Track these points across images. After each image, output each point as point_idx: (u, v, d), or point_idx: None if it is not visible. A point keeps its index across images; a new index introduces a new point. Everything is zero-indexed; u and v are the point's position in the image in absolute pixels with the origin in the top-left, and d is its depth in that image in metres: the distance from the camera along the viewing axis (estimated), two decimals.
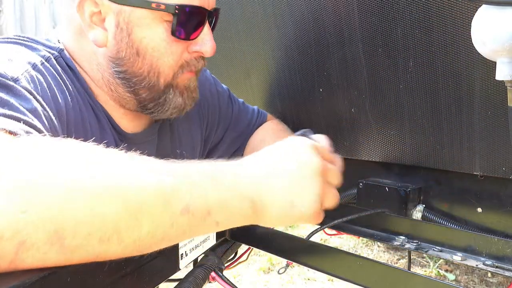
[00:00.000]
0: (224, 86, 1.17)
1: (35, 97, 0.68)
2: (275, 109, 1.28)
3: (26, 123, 0.60)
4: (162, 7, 0.76)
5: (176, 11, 0.76)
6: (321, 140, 0.73)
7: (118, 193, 0.45)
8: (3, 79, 0.64)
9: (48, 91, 0.73)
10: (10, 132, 0.54)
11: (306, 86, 1.17)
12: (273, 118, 1.22)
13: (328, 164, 0.62)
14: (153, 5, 0.76)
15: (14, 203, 0.40)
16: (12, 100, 0.62)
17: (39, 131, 0.61)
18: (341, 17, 1.01)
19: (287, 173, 0.58)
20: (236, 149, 1.16)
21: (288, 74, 1.20)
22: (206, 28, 0.83)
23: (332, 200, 0.62)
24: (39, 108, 0.67)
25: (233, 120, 1.15)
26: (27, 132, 0.57)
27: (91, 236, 0.43)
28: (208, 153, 1.14)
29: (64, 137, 0.51)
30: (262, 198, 0.56)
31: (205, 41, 0.83)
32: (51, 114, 0.71)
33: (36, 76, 0.72)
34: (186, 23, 0.79)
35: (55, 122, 0.71)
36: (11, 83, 0.65)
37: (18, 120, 0.59)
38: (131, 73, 0.81)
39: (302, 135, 0.75)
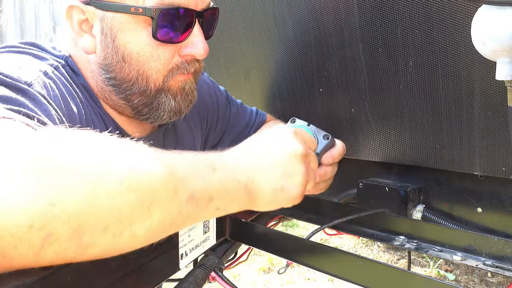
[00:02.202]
0: (222, 88, 1.17)
1: (48, 102, 0.68)
2: (275, 109, 1.28)
3: (41, 122, 0.60)
4: (140, 10, 0.74)
5: (154, 14, 0.74)
6: (303, 125, 0.80)
7: (133, 187, 0.45)
8: (18, 83, 0.64)
9: (60, 99, 0.73)
10: (31, 126, 0.54)
11: (306, 86, 1.17)
12: (273, 119, 1.23)
13: (309, 149, 0.69)
14: (132, 9, 0.74)
15: (45, 194, 0.40)
16: (27, 102, 0.62)
17: None
18: (341, 17, 1.01)
19: (275, 159, 0.64)
20: None
21: (288, 74, 1.20)
22: (196, 30, 0.80)
23: (313, 181, 0.70)
24: (53, 112, 0.67)
25: (231, 121, 1.15)
26: None
27: (106, 231, 0.44)
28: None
29: None
30: (255, 184, 0.61)
31: (195, 43, 0.80)
32: (64, 119, 0.71)
33: (49, 83, 0.72)
34: (169, 26, 0.76)
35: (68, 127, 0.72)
36: (25, 87, 0.65)
37: (33, 118, 0.59)
38: (120, 79, 0.80)
39: (292, 121, 0.82)
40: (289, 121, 0.84)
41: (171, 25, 0.77)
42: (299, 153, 0.65)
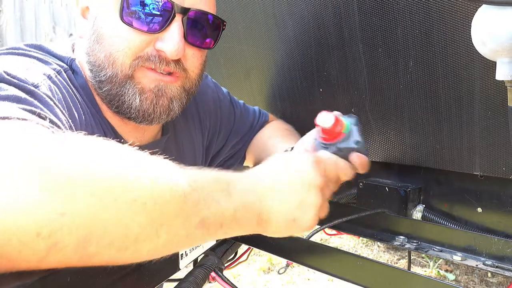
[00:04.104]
0: (225, 90, 1.16)
1: (55, 104, 0.68)
2: (275, 109, 1.28)
3: (53, 122, 0.60)
4: None
5: None
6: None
7: (144, 207, 0.45)
8: (25, 84, 0.64)
9: (64, 103, 0.73)
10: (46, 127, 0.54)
11: (306, 86, 1.17)
12: (274, 118, 1.23)
13: (327, 180, 0.66)
14: None
15: (54, 203, 0.40)
16: (36, 102, 0.62)
17: None
18: (341, 17, 1.01)
19: (294, 189, 0.61)
20: (238, 151, 1.17)
21: (288, 74, 1.20)
22: (174, 26, 0.76)
23: (325, 213, 0.66)
24: (60, 115, 0.67)
25: (235, 125, 1.14)
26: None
27: (112, 245, 0.44)
28: (211, 159, 1.14)
29: None
30: (267, 213, 0.59)
31: (167, 39, 0.76)
32: (70, 122, 0.71)
33: (54, 87, 0.72)
34: (140, 11, 0.75)
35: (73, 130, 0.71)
36: (33, 88, 0.65)
37: (45, 119, 0.59)
38: (93, 63, 0.80)
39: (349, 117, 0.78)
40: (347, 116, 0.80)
41: (141, 11, 0.75)
42: (318, 185, 0.62)
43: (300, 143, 0.92)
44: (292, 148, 0.95)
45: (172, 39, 0.76)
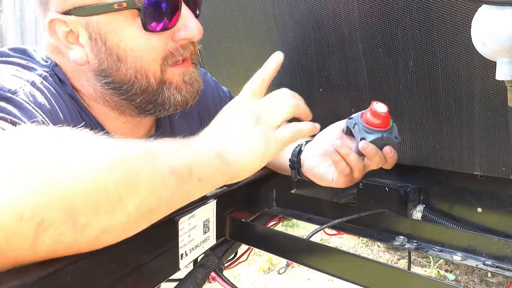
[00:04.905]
0: (225, 88, 1.16)
1: (34, 109, 0.67)
2: None
3: None
4: (124, 5, 0.71)
5: (139, 4, 0.71)
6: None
7: (118, 165, 0.48)
8: (2, 92, 0.64)
9: (49, 107, 0.72)
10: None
11: (306, 86, 1.17)
12: None
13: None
14: (115, 6, 0.71)
15: (30, 183, 0.42)
16: (12, 109, 0.62)
17: None
18: (341, 17, 1.01)
19: (234, 123, 0.69)
20: None
21: (288, 74, 1.20)
22: (185, 11, 0.77)
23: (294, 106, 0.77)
24: (40, 118, 0.67)
25: None
26: None
27: (98, 210, 0.46)
28: None
29: None
30: (226, 147, 0.65)
31: (187, 25, 0.77)
32: (51, 125, 0.70)
33: (35, 92, 0.71)
34: (157, 12, 0.74)
35: None
36: (9, 95, 0.65)
37: (15, 124, 0.59)
38: (119, 81, 0.78)
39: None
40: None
41: (158, 12, 0.74)
42: (251, 117, 0.70)
43: (330, 128, 0.98)
44: (306, 142, 0.97)
45: (190, 24, 0.77)
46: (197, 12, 0.83)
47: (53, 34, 0.76)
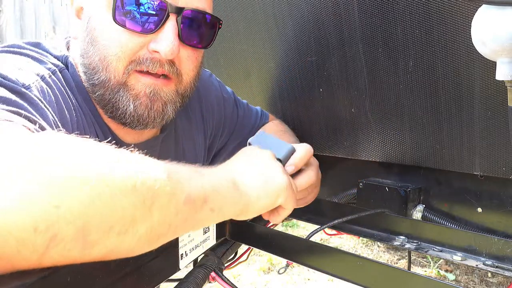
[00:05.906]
0: (229, 89, 1.15)
1: (45, 106, 0.68)
2: (275, 109, 1.28)
3: (41, 126, 0.61)
4: None
5: None
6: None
7: (135, 188, 0.47)
8: (16, 86, 0.64)
9: (55, 104, 0.72)
10: (31, 130, 0.55)
11: (306, 86, 1.17)
12: (274, 118, 1.22)
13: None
14: None
15: (49, 197, 0.41)
16: (26, 105, 0.62)
17: None
18: (341, 17, 1.01)
19: (254, 161, 0.72)
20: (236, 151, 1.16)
21: (288, 74, 1.20)
22: (169, 26, 0.75)
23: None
24: (50, 117, 0.67)
25: (237, 126, 1.14)
26: None
27: (111, 230, 0.45)
28: (212, 159, 1.14)
29: None
30: (242, 179, 0.66)
31: (161, 39, 0.75)
32: (60, 125, 0.71)
33: (46, 88, 0.72)
34: (134, 11, 0.74)
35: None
36: (23, 90, 0.65)
37: (34, 122, 0.59)
38: (87, 65, 0.78)
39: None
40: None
41: (136, 11, 0.74)
42: (270, 155, 0.75)
43: None
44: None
45: (166, 38, 0.75)
46: (194, 40, 0.80)
47: (77, 14, 0.83)
